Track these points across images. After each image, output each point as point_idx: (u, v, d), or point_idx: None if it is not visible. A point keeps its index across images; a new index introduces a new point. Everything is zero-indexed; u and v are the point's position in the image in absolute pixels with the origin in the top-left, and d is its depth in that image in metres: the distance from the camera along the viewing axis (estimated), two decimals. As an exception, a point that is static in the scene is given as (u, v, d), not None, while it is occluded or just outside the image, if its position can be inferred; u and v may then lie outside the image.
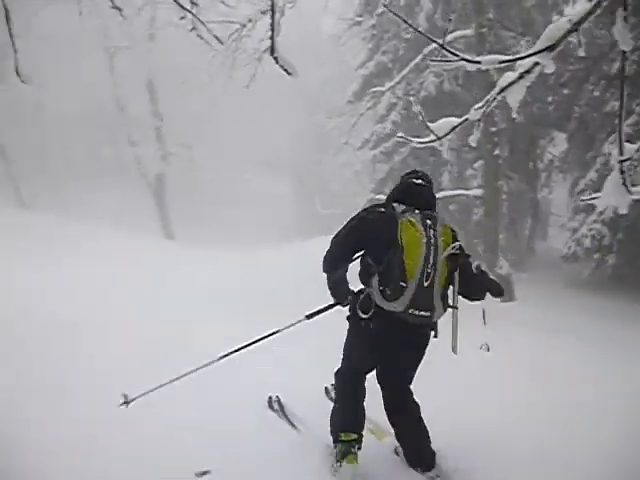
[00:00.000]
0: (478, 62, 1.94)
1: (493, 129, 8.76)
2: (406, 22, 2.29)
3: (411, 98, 2.43)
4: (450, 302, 2.97)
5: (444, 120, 2.23)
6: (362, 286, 3.02)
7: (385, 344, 2.95)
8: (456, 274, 2.95)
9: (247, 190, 27.68)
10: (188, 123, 24.25)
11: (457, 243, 2.89)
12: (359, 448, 3.02)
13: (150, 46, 19.33)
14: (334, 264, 3.12)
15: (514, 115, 2.70)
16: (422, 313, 2.78)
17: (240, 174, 26.79)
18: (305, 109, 28.39)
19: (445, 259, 2.82)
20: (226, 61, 8.76)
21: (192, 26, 3.00)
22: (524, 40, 10.57)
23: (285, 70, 1.78)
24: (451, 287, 2.97)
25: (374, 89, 11.80)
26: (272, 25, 1.63)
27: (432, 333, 3.02)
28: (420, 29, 11.97)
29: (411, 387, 3.14)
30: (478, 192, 9.40)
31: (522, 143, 12.27)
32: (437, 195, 9.97)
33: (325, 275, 3.19)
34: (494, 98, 2.06)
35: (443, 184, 12.43)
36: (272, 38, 1.65)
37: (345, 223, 3.05)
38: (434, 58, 2.40)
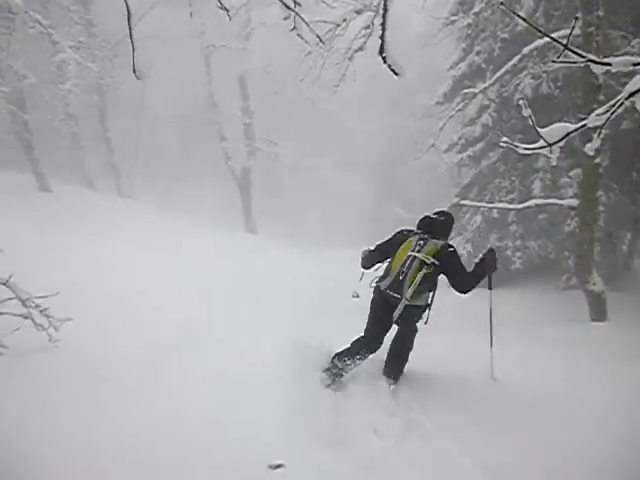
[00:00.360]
0: (608, 64, 1.81)
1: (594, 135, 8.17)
2: (525, 20, 2.17)
3: (521, 101, 2.33)
4: (428, 301, 4.73)
5: (556, 125, 2.11)
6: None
7: (375, 307, 4.76)
8: (436, 279, 4.60)
9: (328, 189, 27.89)
10: (275, 120, 24.92)
11: (432, 260, 4.45)
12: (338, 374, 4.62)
13: (245, 45, 20.01)
14: (370, 259, 4.95)
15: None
16: (394, 295, 4.54)
17: (322, 172, 27.03)
18: (390, 109, 28.15)
19: (418, 266, 4.47)
20: (317, 60, 8.85)
21: (293, 25, 3.06)
22: (635, 41, 9.80)
23: (393, 70, 1.77)
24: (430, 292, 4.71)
25: (466, 90, 11.45)
26: (383, 24, 1.63)
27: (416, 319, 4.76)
28: (519, 28, 11.48)
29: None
30: (573, 202, 8.81)
31: (626, 151, 11.36)
32: (526, 204, 9.44)
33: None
34: (621, 103, 1.91)
35: (534, 192, 11.81)
36: (382, 37, 1.65)
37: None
38: (556, 60, 2.22)
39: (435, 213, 4.87)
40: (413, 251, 4.49)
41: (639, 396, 4.69)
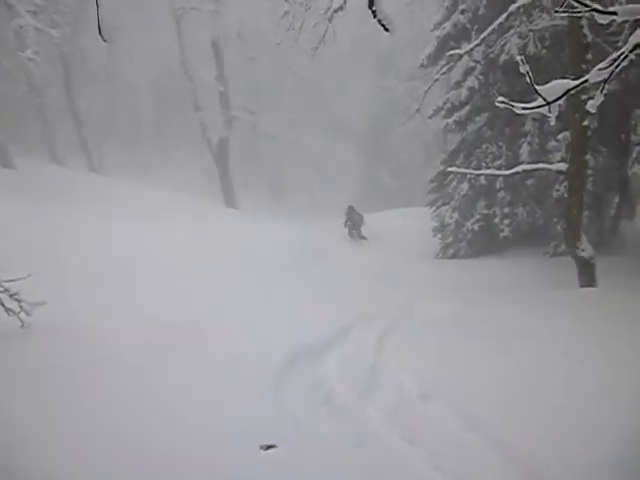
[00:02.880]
0: (614, 13, 1.73)
1: (584, 97, 8.13)
2: None
3: (518, 57, 2.25)
4: None
5: (555, 82, 2.04)
6: None
7: None
8: None
9: (311, 156, 27.60)
10: (253, 88, 24.40)
11: None
12: None
13: (216, 8, 19.37)
14: None
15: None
16: None
17: (305, 141, 26.67)
18: (374, 73, 27.75)
19: None
20: (295, 22, 8.60)
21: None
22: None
23: (383, 26, 1.68)
24: None
25: (451, 52, 11.26)
26: (372, -26, 1.53)
27: None
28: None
29: None
30: (562, 166, 8.82)
31: (614, 112, 11.38)
32: (514, 169, 9.48)
33: None
34: (625, 56, 1.84)
35: (522, 157, 11.82)
36: (371, -11, 1.55)
37: None
38: (557, 9, 2.12)
39: None
40: None
41: (621, 357, 4.84)
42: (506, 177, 11.70)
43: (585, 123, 8.24)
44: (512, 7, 9.54)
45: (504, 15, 9.92)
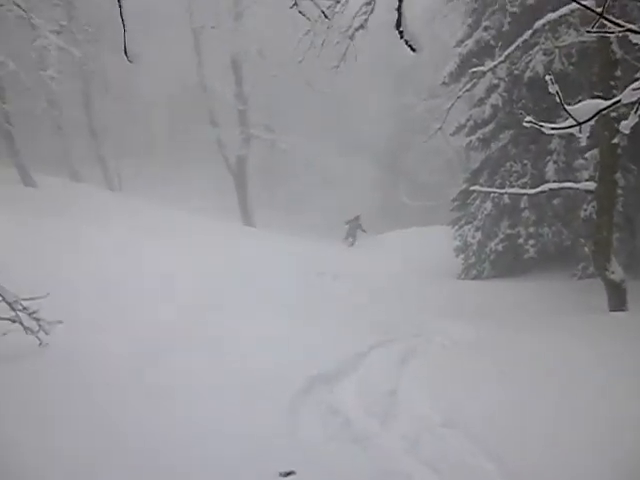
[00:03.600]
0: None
1: (613, 114, 8.07)
2: None
3: (547, 77, 2.24)
4: None
5: (586, 102, 2.04)
6: None
7: None
8: None
9: (330, 176, 27.69)
10: (272, 105, 24.68)
11: None
12: None
13: (236, 25, 19.79)
14: None
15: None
16: None
17: (324, 159, 26.80)
18: (394, 90, 27.91)
19: None
20: (316, 39, 8.73)
21: (294, 1, 2.99)
22: (655, 12, 9.68)
23: (410, 46, 1.70)
24: None
25: (474, 69, 11.29)
26: (400, -5, 1.55)
27: None
28: (529, 2, 11.35)
29: None
30: (590, 186, 8.72)
31: (645, 131, 11.26)
32: (540, 188, 9.44)
33: None
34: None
35: (547, 175, 11.73)
36: (399, 10, 1.58)
37: None
38: (589, 29, 2.13)
39: None
40: None
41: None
42: (531, 196, 11.61)
43: (615, 141, 8.17)
44: (538, 24, 9.55)
45: (529, 32, 9.93)
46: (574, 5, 9.09)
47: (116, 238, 10.89)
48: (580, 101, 2.22)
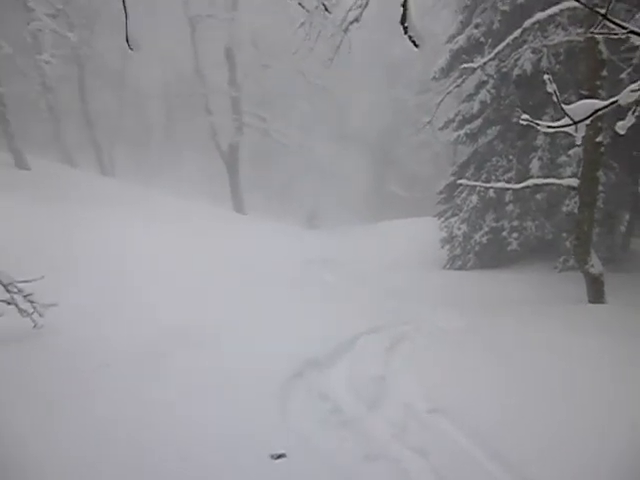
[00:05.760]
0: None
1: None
2: None
3: (545, 76, 2.23)
4: None
5: (582, 102, 2.03)
6: None
7: None
8: None
9: (320, 164, 27.61)
10: (265, 94, 24.48)
11: None
12: None
13: (232, 15, 19.52)
14: None
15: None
16: None
17: (314, 147, 26.68)
18: (386, 84, 27.79)
19: None
20: (311, 32, 8.64)
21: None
22: (640, 14, 9.70)
23: (413, 42, 1.67)
24: None
25: (464, 65, 11.26)
26: (406, -9, 1.53)
27: None
28: (520, 1, 11.32)
29: None
30: (573, 182, 8.77)
31: (628, 128, 11.32)
32: (525, 183, 9.54)
33: None
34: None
35: (532, 171, 11.78)
36: (404, 5, 1.55)
37: None
38: (594, 31, 2.12)
39: None
40: None
41: (627, 375, 4.78)
42: (516, 191, 11.67)
43: (598, 139, 8.22)
44: (527, 22, 9.54)
45: (519, 30, 9.93)
46: (563, 5, 9.10)
47: (112, 223, 10.78)
48: (567, 99, 2.22)
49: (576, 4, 8.17)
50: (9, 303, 4.70)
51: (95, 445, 3.34)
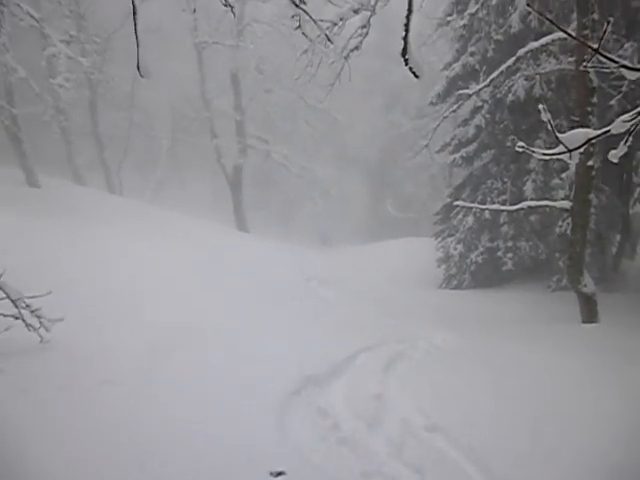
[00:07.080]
0: (641, 70, 1.72)
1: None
2: (555, 25, 2.07)
3: (540, 106, 2.26)
4: None
5: (577, 131, 2.04)
6: None
7: None
8: None
9: (320, 186, 27.74)
10: (268, 118, 24.72)
11: None
12: None
13: (237, 42, 19.81)
14: None
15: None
16: None
17: (314, 169, 26.84)
18: (383, 108, 28.09)
19: None
20: (314, 59, 8.74)
21: (298, 24, 2.99)
22: (628, 44, 9.85)
23: (413, 73, 1.70)
24: None
25: (460, 91, 11.41)
26: (406, 25, 1.56)
27: None
28: (513, 30, 11.51)
29: None
30: (566, 204, 8.79)
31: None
32: (519, 205, 9.54)
33: None
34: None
35: (526, 193, 11.84)
36: (405, 39, 1.58)
37: None
38: (589, 65, 2.15)
39: None
40: None
41: (620, 394, 4.71)
42: (510, 212, 11.71)
43: (590, 163, 8.27)
44: (521, 51, 9.68)
45: (512, 59, 10.07)
46: (555, 35, 9.23)
47: (118, 239, 10.78)
48: (559, 124, 2.25)
49: (559, 35, 8.30)
50: (17, 318, 4.68)
51: (97, 448, 3.29)
